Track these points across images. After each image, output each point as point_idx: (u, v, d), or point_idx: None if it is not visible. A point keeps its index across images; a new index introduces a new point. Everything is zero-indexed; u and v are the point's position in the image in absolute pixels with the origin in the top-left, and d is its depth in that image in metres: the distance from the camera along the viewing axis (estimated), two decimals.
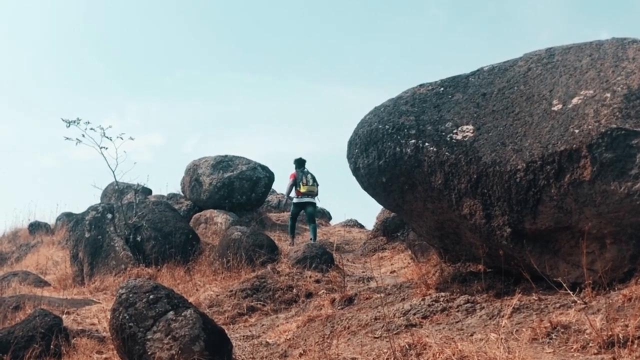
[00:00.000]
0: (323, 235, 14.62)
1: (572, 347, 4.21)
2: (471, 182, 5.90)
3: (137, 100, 66.96)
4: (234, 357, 6.10)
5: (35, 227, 18.71)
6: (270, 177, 16.39)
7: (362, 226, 16.46)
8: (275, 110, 66.60)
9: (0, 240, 18.61)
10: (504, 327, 4.90)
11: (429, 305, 6.10)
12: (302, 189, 13.12)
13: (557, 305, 5.16)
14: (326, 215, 18.58)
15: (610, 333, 4.06)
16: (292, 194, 13.47)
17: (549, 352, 4.28)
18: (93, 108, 58.47)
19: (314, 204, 13.34)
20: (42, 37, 66.69)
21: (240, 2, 73.28)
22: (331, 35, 75.35)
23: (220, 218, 14.58)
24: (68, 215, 18.88)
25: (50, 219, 19.84)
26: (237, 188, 15.64)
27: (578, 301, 5.01)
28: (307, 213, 13.26)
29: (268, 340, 6.78)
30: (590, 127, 5.21)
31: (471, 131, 6.15)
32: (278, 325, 7.32)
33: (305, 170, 13.35)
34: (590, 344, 4.13)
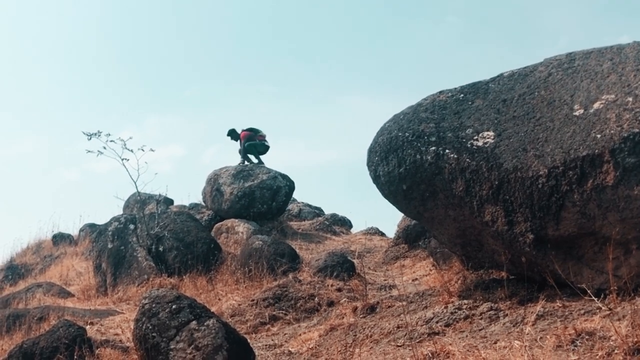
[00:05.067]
0: (344, 244, 14.60)
1: (597, 354, 4.16)
2: (493, 188, 5.87)
3: (157, 113, 67.31)
4: None
5: (59, 239, 18.83)
6: (290, 185, 16.38)
7: (383, 234, 16.36)
8: (294, 119, 66.70)
9: (25, 251, 18.74)
10: (527, 334, 4.86)
11: (451, 313, 6.06)
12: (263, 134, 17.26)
13: (582, 311, 5.11)
14: (347, 224, 18.50)
15: (636, 339, 4.01)
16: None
17: (574, 359, 4.24)
18: (112, 121, 59.00)
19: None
20: (61, 51, 67.50)
21: (258, 14, 73.61)
22: (348, 44, 75.35)
23: (241, 227, 14.59)
24: (91, 226, 18.96)
25: (73, 230, 19.90)
26: (258, 197, 15.65)
27: (603, 307, 4.95)
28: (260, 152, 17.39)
29: (290, 349, 6.78)
30: (612, 131, 5.16)
31: (492, 137, 6.13)
32: (300, 334, 7.32)
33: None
34: (616, 351, 4.07)
